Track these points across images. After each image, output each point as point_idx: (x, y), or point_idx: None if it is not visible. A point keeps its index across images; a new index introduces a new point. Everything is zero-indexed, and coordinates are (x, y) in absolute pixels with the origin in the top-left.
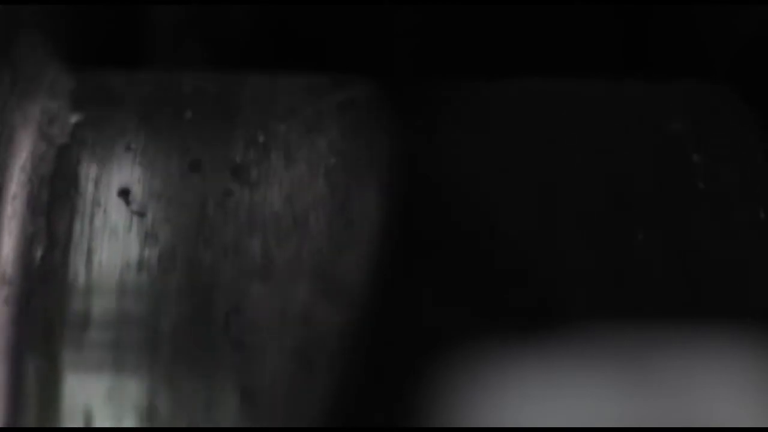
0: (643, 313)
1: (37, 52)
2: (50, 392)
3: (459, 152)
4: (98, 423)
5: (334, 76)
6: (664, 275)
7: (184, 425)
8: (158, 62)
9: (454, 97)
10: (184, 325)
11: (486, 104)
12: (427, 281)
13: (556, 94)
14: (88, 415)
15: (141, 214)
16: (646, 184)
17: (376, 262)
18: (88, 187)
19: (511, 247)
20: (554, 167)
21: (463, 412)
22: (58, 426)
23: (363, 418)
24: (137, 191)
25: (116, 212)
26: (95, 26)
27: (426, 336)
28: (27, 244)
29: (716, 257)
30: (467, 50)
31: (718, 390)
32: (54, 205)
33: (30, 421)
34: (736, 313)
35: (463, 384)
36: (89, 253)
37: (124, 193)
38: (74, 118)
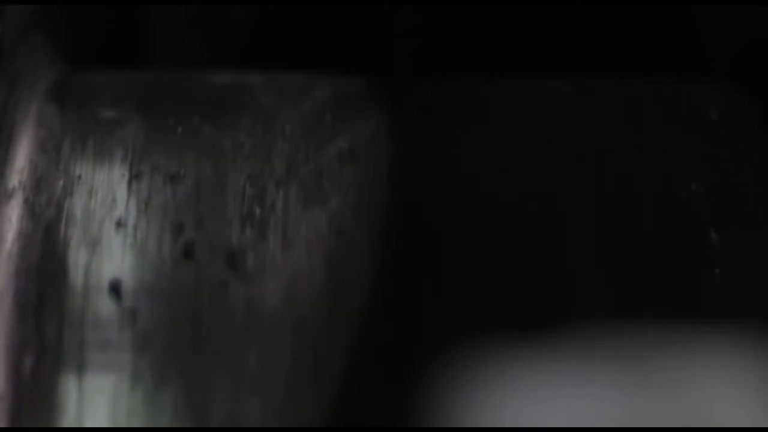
0: (643, 313)
1: (33, 62)
2: None
3: (459, 152)
4: None
5: (336, 115)
6: (665, 273)
7: None
8: (158, 62)
9: (454, 97)
10: None
11: (486, 104)
12: (427, 281)
13: (556, 94)
14: None
15: (133, 314)
16: (646, 184)
17: (376, 262)
18: (77, 278)
19: (511, 248)
20: (554, 167)
21: (463, 412)
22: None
23: (363, 418)
24: (128, 282)
25: (107, 312)
26: (95, 26)
27: (426, 336)
28: (16, 353)
29: (720, 247)
30: (467, 50)
31: (718, 390)
32: (43, 305)
33: None
34: (735, 313)
35: (463, 384)
36: (80, 364)
37: (115, 289)
38: (61, 181)
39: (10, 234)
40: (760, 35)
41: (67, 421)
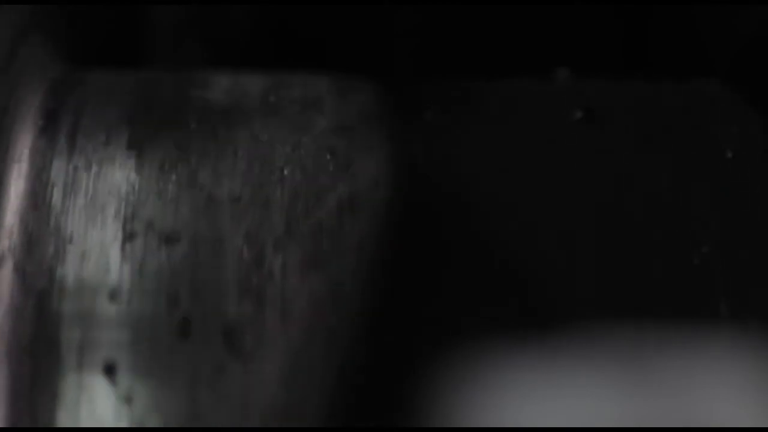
0: (643, 313)
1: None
2: None
3: (459, 152)
4: None
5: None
6: (665, 274)
7: None
8: (158, 62)
9: (455, 97)
10: None
11: (486, 104)
12: (427, 281)
13: (555, 94)
14: None
15: (128, 397)
16: (647, 183)
17: (376, 262)
18: (71, 358)
19: (511, 248)
20: (554, 167)
21: (463, 412)
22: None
23: (363, 418)
24: (123, 364)
25: (102, 394)
26: (95, 26)
27: (426, 336)
28: None
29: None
30: (467, 50)
31: (718, 390)
32: (36, 387)
33: None
34: (736, 313)
35: (463, 384)
36: None
37: (110, 371)
38: (52, 243)
39: (1, 307)
40: (760, 35)
41: None
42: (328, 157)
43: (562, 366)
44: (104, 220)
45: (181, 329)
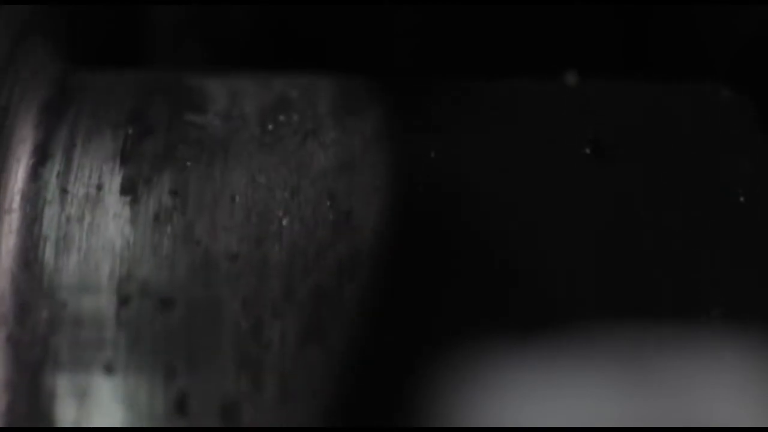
0: (643, 313)
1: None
2: None
3: (459, 152)
4: None
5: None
6: (665, 274)
7: None
8: (158, 62)
9: (455, 96)
10: None
11: (486, 104)
12: (427, 281)
13: (555, 94)
14: None
15: None
16: (647, 183)
17: (377, 261)
18: None
19: (511, 247)
20: (554, 167)
21: (463, 412)
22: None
23: (363, 418)
24: None
25: None
26: (95, 26)
27: (426, 336)
28: None
29: (721, 251)
30: (467, 50)
31: (718, 390)
32: None
33: None
34: (736, 313)
35: (463, 384)
36: None
37: None
38: (46, 310)
39: None
40: (760, 35)
41: None
42: (328, 203)
43: (562, 366)
44: (99, 281)
45: (179, 405)
